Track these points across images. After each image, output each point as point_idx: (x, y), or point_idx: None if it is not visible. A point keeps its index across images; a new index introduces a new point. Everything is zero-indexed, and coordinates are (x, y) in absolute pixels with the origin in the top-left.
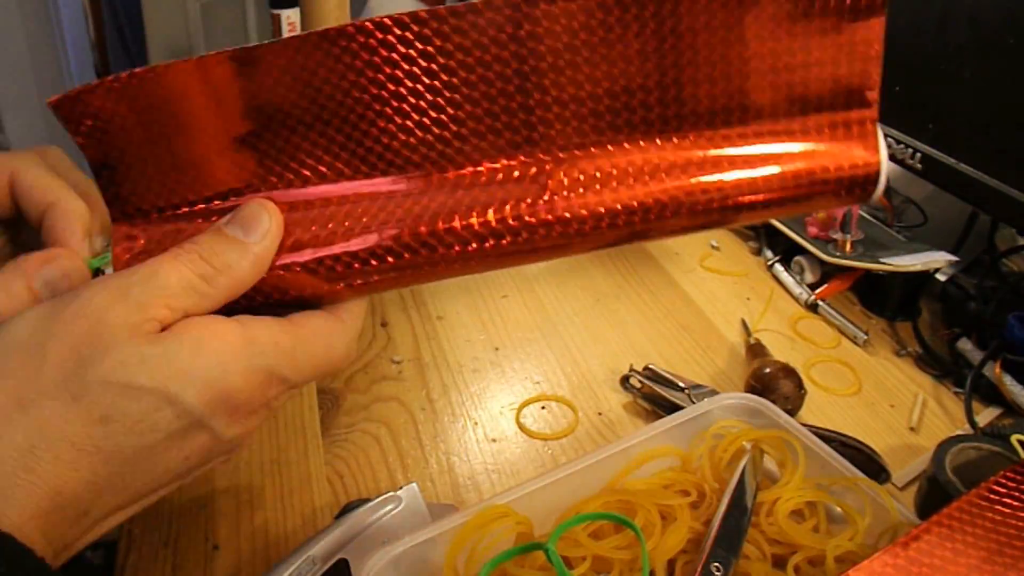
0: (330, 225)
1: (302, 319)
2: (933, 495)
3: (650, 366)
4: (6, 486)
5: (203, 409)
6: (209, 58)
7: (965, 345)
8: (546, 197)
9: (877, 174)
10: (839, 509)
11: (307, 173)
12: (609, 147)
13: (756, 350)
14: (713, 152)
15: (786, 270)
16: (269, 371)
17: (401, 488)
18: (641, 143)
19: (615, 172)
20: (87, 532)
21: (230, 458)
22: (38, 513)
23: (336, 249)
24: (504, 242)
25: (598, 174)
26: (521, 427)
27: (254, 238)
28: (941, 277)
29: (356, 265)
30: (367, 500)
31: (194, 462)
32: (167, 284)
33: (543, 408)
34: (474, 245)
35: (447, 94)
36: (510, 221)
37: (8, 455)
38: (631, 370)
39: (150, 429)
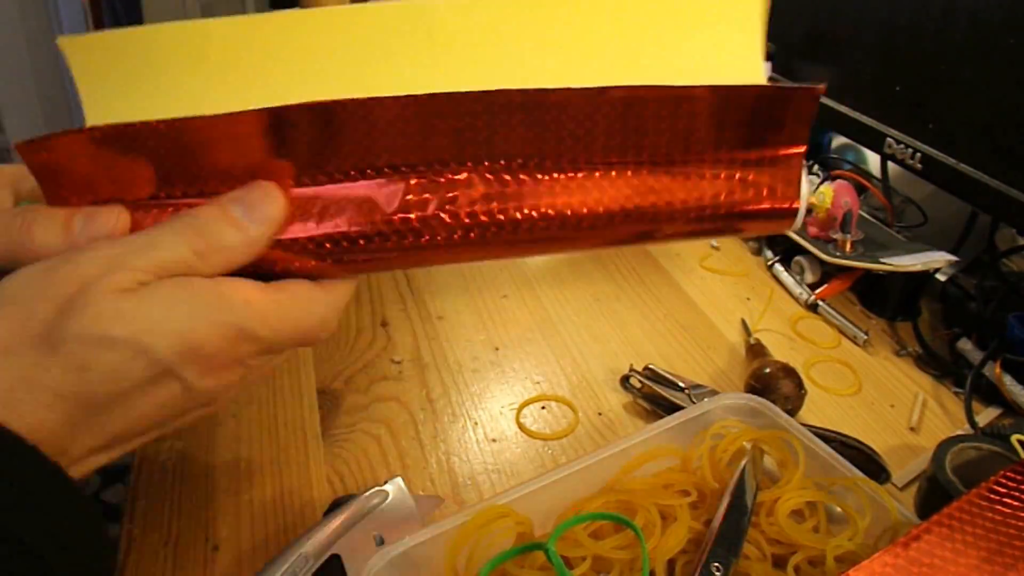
0: (322, 209)
1: (283, 283)
2: (933, 495)
3: (650, 366)
4: None
5: (173, 359)
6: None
7: (965, 345)
8: (512, 201)
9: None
10: (839, 509)
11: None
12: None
13: (756, 350)
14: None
15: (786, 270)
16: (239, 327)
17: (387, 482)
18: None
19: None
20: (68, 467)
21: (210, 411)
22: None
23: (326, 229)
24: (472, 235)
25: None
26: (521, 427)
27: (255, 221)
28: (941, 277)
29: (344, 244)
30: (354, 496)
31: (169, 411)
32: (161, 258)
33: (543, 408)
34: (447, 236)
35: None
36: (481, 217)
37: None
38: (631, 370)
39: (123, 377)
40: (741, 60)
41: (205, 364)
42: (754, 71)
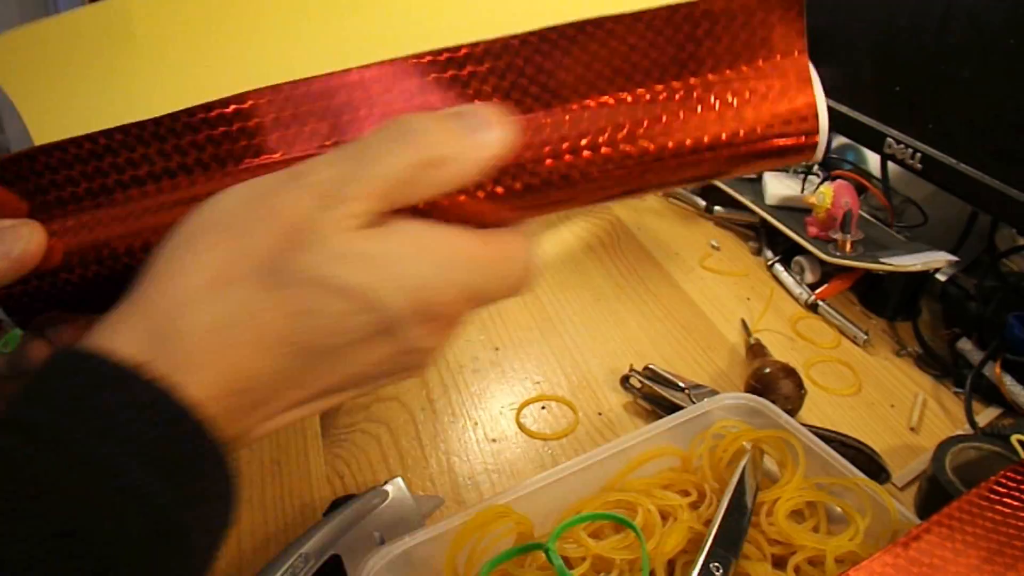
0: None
1: (496, 235)
2: (933, 495)
3: (650, 366)
4: (191, 362)
5: (404, 316)
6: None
7: (965, 345)
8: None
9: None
10: (839, 509)
11: None
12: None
13: (756, 350)
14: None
15: (786, 270)
16: (471, 286)
17: (387, 482)
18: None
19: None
20: (265, 422)
21: (419, 373)
22: (219, 394)
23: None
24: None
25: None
26: (521, 427)
27: (487, 138)
28: (941, 277)
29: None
30: (354, 496)
31: (385, 367)
32: (383, 174)
33: (543, 408)
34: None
35: None
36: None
37: (199, 332)
38: (631, 370)
39: (348, 329)
40: None
41: (432, 322)
42: None
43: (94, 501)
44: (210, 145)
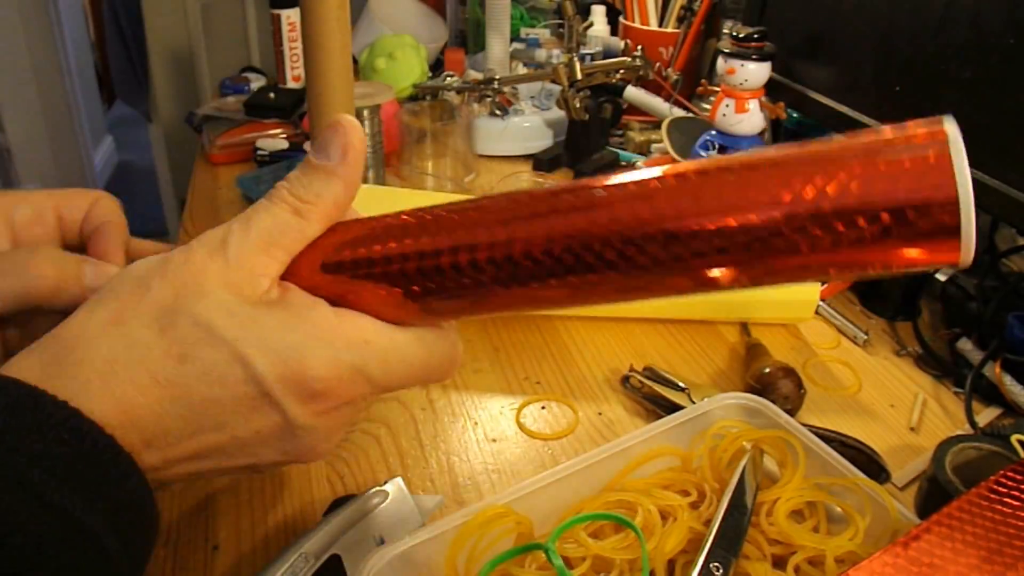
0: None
1: (415, 326)
2: (933, 495)
3: (650, 366)
4: (84, 388)
5: (273, 382)
6: None
7: (965, 345)
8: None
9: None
10: (839, 509)
11: None
12: None
13: (756, 350)
14: None
15: None
16: (355, 367)
17: (387, 482)
18: None
19: None
20: (160, 468)
21: (306, 460)
22: (112, 424)
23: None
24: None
25: None
26: (521, 427)
27: (336, 157)
28: (941, 277)
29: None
30: (354, 496)
31: (264, 441)
32: (261, 229)
33: (543, 408)
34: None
35: None
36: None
37: (94, 361)
38: (631, 370)
39: (219, 382)
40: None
41: (310, 399)
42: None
43: (12, 514)
44: None
